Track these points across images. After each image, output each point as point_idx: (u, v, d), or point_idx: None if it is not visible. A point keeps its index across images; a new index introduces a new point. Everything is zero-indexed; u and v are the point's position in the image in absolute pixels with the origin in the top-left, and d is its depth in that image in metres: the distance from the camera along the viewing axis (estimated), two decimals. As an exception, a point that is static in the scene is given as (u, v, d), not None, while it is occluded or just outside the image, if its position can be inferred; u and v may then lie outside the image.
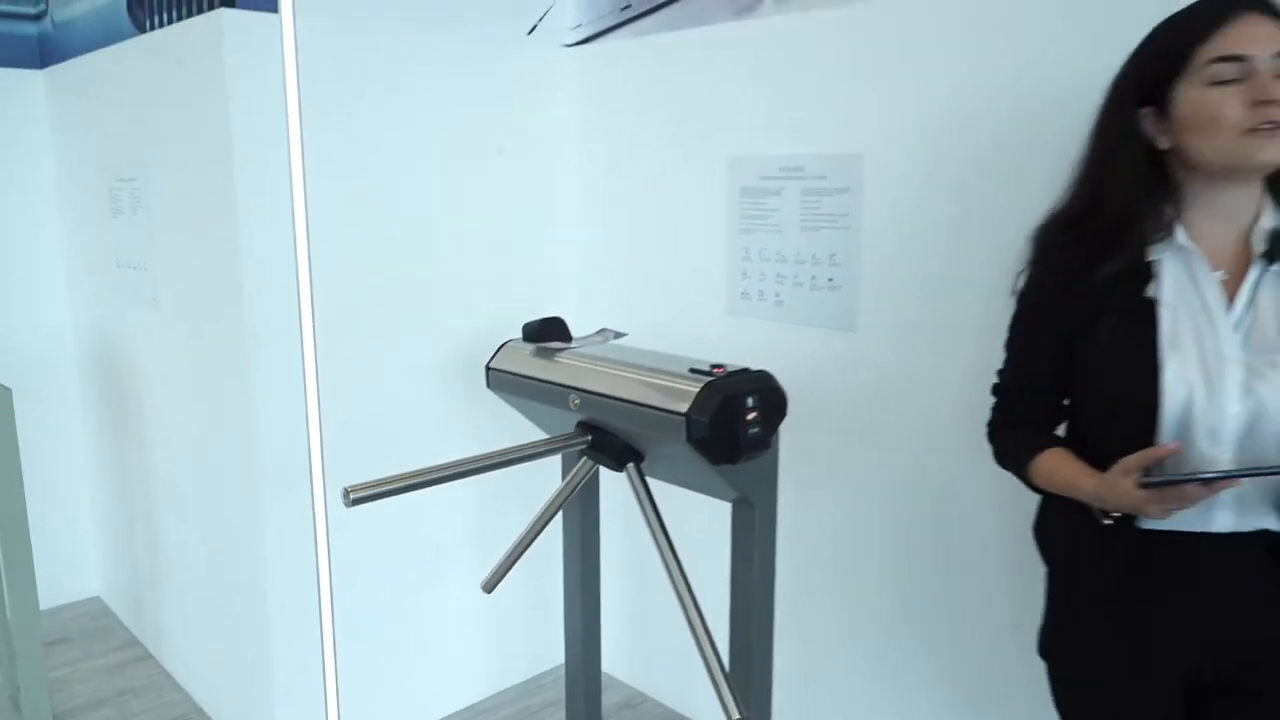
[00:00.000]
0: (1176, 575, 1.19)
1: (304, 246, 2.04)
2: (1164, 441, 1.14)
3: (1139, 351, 1.16)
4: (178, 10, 2.05)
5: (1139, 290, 1.18)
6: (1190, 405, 1.13)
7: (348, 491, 1.47)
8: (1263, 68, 1.09)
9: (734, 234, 2.16)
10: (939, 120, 1.79)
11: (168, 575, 2.67)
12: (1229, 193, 1.17)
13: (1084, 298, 1.20)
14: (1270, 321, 1.13)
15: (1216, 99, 1.11)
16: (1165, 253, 1.18)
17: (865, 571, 2.05)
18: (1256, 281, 1.15)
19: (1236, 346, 1.13)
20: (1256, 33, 1.10)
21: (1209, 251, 1.17)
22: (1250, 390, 1.12)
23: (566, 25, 2.45)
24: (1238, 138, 1.10)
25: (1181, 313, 1.16)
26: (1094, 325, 1.20)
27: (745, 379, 1.60)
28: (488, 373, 1.93)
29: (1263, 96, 1.08)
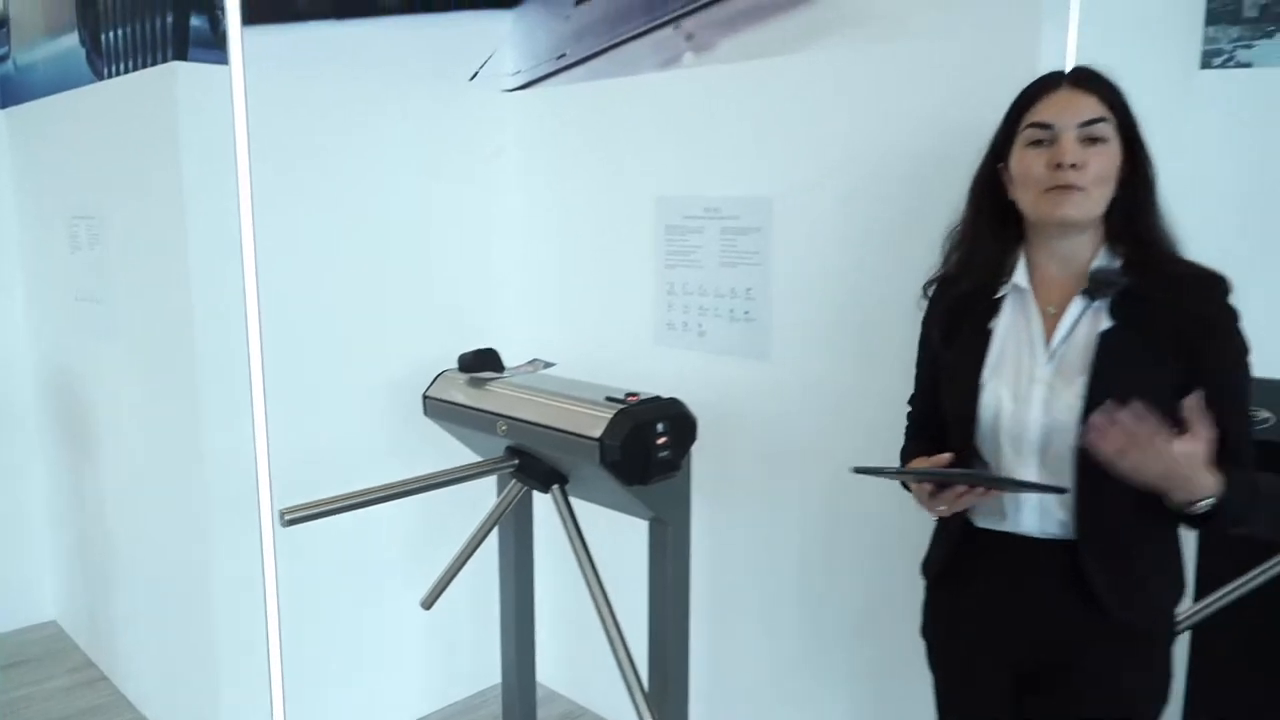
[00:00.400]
0: (991, 567, 1.35)
1: (252, 282, 2.16)
2: (982, 450, 1.33)
3: (968, 372, 1.33)
4: (134, 60, 2.18)
5: (985, 322, 1.35)
6: (999, 420, 1.30)
7: (283, 513, 1.58)
8: (1066, 135, 1.25)
9: (660, 269, 2.30)
10: (840, 165, 1.94)
11: (120, 598, 2.75)
12: (1061, 238, 1.32)
13: (947, 327, 1.38)
14: (1079, 350, 1.28)
15: (1030, 159, 1.28)
16: (1008, 289, 1.34)
17: (782, 588, 2.18)
18: (1078, 316, 1.30)
19: (1047, 371, 1.29)
20: (1067, 103, 1.26)
21: (1049, 289, 1.33)
22: (1048, 407, 1.27)
23: (507, 72, 2.60)
24: (1041, 194, 1.27)
25: (1009, 342, 1.33)
26: (947, 349, 1.38)
27: (656, 406, 1.74)
28: (425, 401, 2.06)
29: (1058, 160, 1.24)
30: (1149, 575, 1.31)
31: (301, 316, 2.26)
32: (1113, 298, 1.27)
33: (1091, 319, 1.29)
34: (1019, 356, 1.32)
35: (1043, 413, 1.28)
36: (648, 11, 2.24)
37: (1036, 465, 1.30)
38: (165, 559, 2.45)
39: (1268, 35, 2.06)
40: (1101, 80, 1.28)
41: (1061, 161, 1.24)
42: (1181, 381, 1.23)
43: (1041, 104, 1.28)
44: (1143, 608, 1.31)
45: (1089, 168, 1.24)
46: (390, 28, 2.34)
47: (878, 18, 1.83)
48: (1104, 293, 1.27)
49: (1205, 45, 2.12)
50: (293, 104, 2.19)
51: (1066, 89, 1.27)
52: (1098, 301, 1.28)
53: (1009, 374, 1.32)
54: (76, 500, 2.96)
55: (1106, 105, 1.26)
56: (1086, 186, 1.25)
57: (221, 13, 2.03)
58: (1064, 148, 1.25)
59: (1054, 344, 1.30)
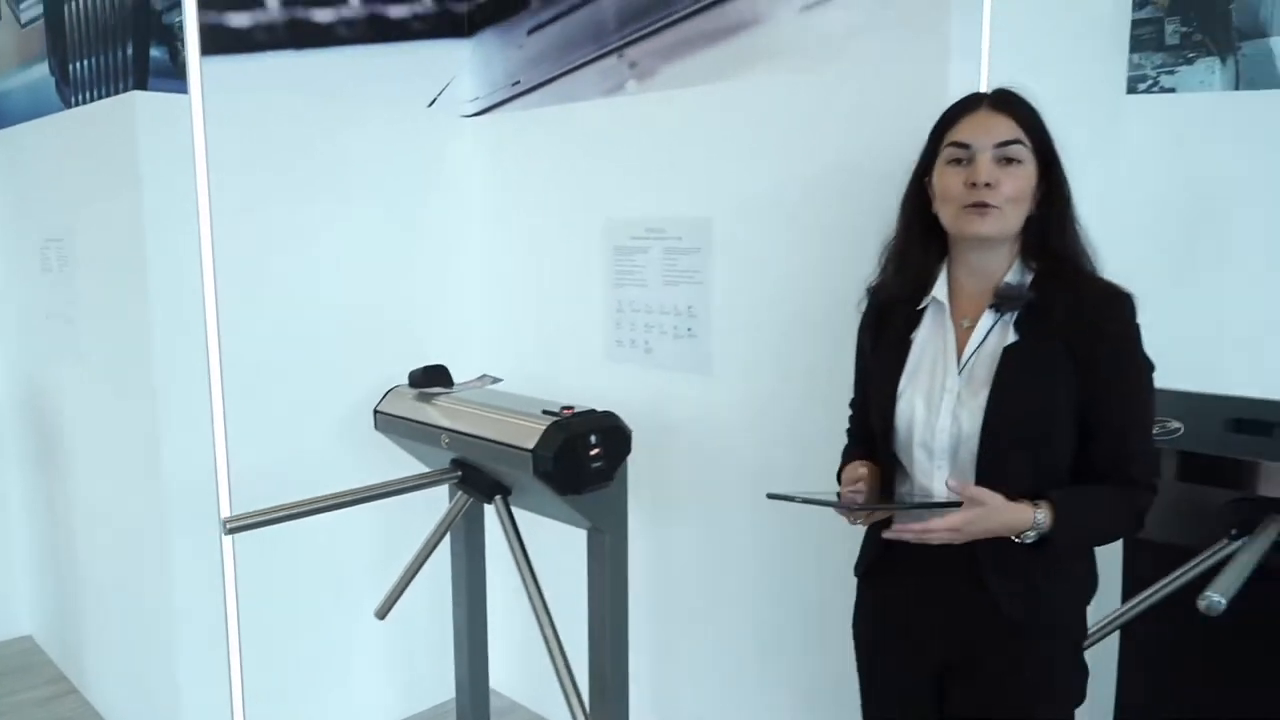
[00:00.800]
0: (906, 569, 1.42)
1: (211, 302, 2.23)
2: (900, 454, 1.40)
3: (888, 379, 1.41)
4: (99, 89, 2.26)
5: (907, 332, 1.42)
6: (912, 426, 1.38)
7: (225, 522, 1.65)
8: (983, 155, 1.31)
9: (609, 288, 2.38)
10: (774, 187, 2.02)
11: (90, 613, 2.81)
12: (977, 253, 1.39)
13: (875, 335, 1.47)
14: (985, 361, 1.35)
15: (949, 177, 1.34)
16: (929, 301, 1.42)
17: (728, 596, 2.24)
18: (988, 329, 1.36)
19: (957, 382, 1.36)
20: (984, 124, 1.33)
21: (964, 302, 1.40)
22: (955, 416, 1.35)
23: (466, 98, 2.69)
24: (958, 211, 1.33)
25: (926, 353, 1.40)
26: (873, 356, 1.47)
27: (590, 419, 1.81)
28: (375, 415, 2.13)
29: (973, 179, 1.31)
30: (1045, 578, 1.35)
31: (260, 335, 2.33)
32: (1020, 312, 1.33)
33: (1000, 332, 1.35)
34: (934, 367, 1.39)
35: (950, 422, 1.35)
36: (594, 40, 2.33)
37: (947, 469, 1.36)
38: (129, 573, 2.51)
39: (1188, 61, 2.15)
40: (1018, 103, 1.35)
41: (977, 180, 1.30)
42: (1081, 394, 1.30)
43: (961, 124, 1.34)
44: (1040, 609, 1.36)
45: (1003, 187, 1.30)
46: (349, 57, 2.42)
47: (801, 49, 1.92)
48: (1010, 307, 1.33)
49: (1131, 71, 2.21)
50: (252, 130, 2.27)
51: (985, 110, 1.34)
52: (1006, 315, 1.35)
53: (924, 384, 1.39)
54: (49, 516, 3.03)
55: (1022, 127, 1.32)
56: (1001, 205, 1.31)
57: (181, 44, 2.11)
58: (979, 167, 1.31)
59: (965, 356, 1.36)
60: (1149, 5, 2.17)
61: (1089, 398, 1.31)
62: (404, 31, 2.51)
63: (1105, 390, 1.31)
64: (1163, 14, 2.16)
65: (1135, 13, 2.18)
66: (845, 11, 1.85)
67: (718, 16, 2.05)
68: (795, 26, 1.93)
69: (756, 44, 1.99)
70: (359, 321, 2.52)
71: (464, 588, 2.23)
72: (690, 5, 2.10)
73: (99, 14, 2.23)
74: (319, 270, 2.43)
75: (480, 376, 2.18)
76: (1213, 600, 1.33)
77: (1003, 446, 1.32)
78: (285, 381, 2.39)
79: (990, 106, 1.35)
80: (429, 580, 2.19)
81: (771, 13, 1.96)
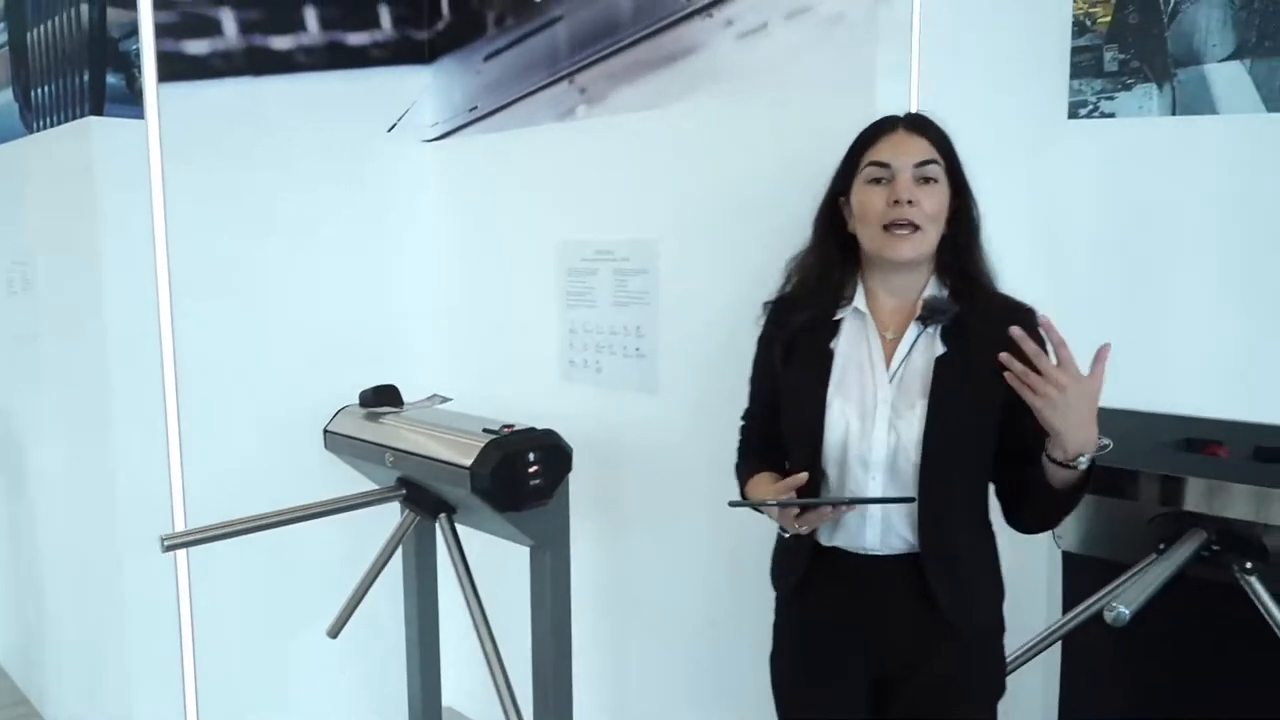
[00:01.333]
0: (841, 583, 1.43)
1: (167, 323, 2.26)
2: (828, 466, 1.40)
3: (813, 392, 1.41)
4: (58, 115, 2.31)
5: (825, 343, 1.44)
6: (847, 438, 1.39)
7: (163, 539, 1.67)
8: (903, 174, 1.36)
9: (563, 309, 2.42)
10: (715, 208, 2.06)
11: (50, 634, 2.82)
12: (897, 272, 1.43)
13: (787, 347, 1.47)
14: (916, 373, 1.38)
15: (870, 195, 1.38)
16: (847, 314, 1.45)
17: (678, 611, 2.26)
18: (913, 341, 1.40)
19: (889, 392, 1.38)
20: (903, 145, 1.37)
21: (884, 315, 1.43)
22: (892, 427, 1.37)
23: (426, 123, 2.73)
24: (879, 231, 1.37)
25: (851, 363, 1.42)
26: (788, 368, 1.46)
27: (530, 437, 1.84)
28: (325, 435, 2.15)
29: (895, 197, 1.35)
30: (979, 582, 1.42)
31: (217, 356, 2.35)
32: (944, 325, 1.38)
33: (926, 344, 1.39)
34: (861, 378, 1.40)
35: (887, 433, 1.37)
36: (547, 66, 2.38)
37: (883, 481, 1.38)
38: (85, 593, 2.52)
39: (1127, 88, 2.20)
40: (932, 125, 1.40)
41: (899, 198, 1.35)
42: (1006, 403, 1.33)
43: (880, 144, 1.39)
44: (977, 611, 1.42)
45: (923, 205, 1.35)
46: (308, 83, 2.47)
47: (738, 75, 1.97)
48: (936, 320, 1.38)
49: (1071, 97, 2.26)
50: (209, 154, 2.31)
51: (902, 132, 1.39)
52: (930, 328, 1.39)
53: (854, 394, 1.40)
54: (13, 538, 3.04)
55: (937, 149, 1.38)
56: (922, 224, 1.36)
57: (138, 70, 2.16)
58: (901, 185, 1.35)
59: (893, 367, 1.39)
60: (1088, 33, 2.23)
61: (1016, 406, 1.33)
62: (363, 58, 2.56)
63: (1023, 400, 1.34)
64: (1101, 42, 2.22)
65: (1075, 40, 2.24)
66: (779, 39, 1.90)
67: (660, 44, 2.10)
68: (732, 53, 1.98)
69: (697, 70, 2.04)
70: (317, 343, 2.54)
71: (415, 605, 2.25)
72: (635, 33, 2.16)
73: (59, 41, 2.28)
74: (276, 292, 2.46)
75: (430, 396, 2.21)
76: (1119, 612, 1.35)
77: (944, 456, 1.35)
78: (242, 402, 2.42)
79: (906, 128, 1.40)
80: (387, 598, 2.21)
81: (710, 40, 2.01)
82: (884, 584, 1.41)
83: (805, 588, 1.49)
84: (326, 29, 2.47)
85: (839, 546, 1.44)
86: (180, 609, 2.34)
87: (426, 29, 2.67)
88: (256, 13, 2.34)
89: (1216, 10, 2.07)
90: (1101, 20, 2.21)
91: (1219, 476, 1.62)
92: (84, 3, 2.14)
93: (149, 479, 2.27)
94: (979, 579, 1.44)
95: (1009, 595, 2.19)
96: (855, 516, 1.42)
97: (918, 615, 1.40)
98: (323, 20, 2.44)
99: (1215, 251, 2.06)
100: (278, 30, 2.38)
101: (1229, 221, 2.05)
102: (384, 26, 2.58)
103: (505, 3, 2.46)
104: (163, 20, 2.17)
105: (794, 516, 1.35)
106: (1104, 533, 1.83)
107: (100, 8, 2.12)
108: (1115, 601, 1.37)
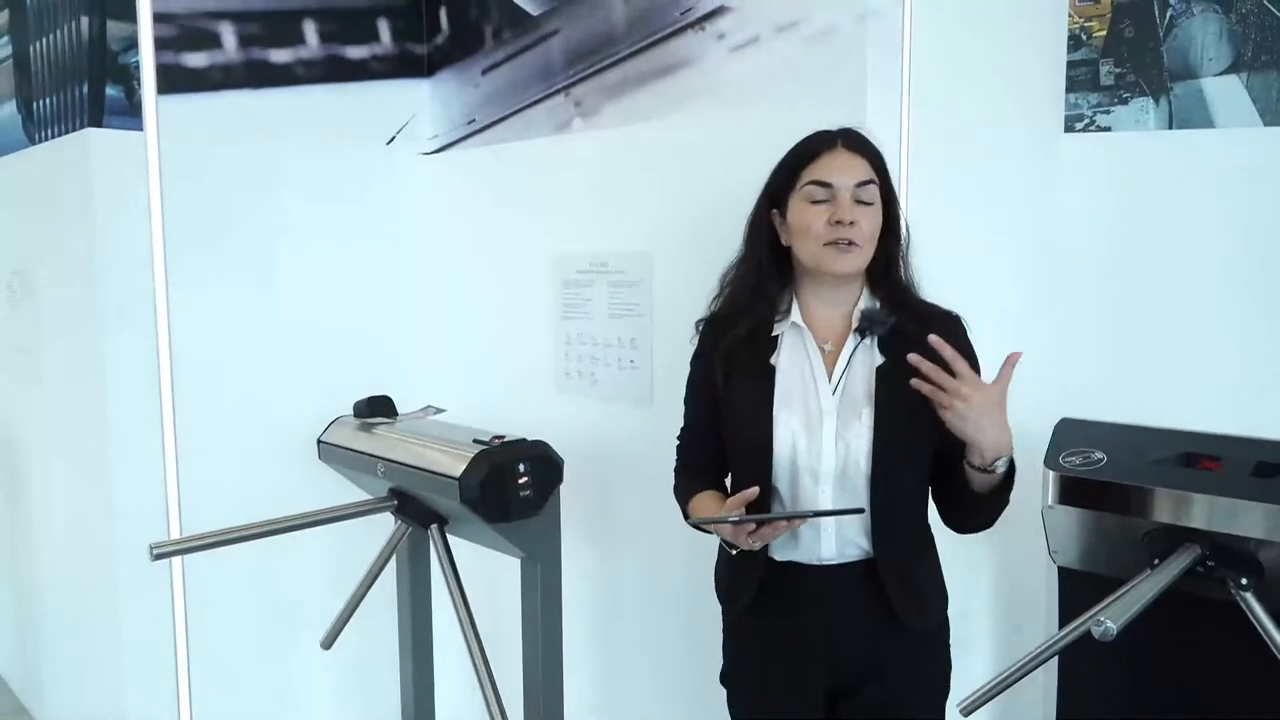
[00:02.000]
0: (797, 597, 1.44)
1: (164, 333, 2.27)
2: (777, 481, 1.41)
3: (759, 407, 1.42)
4: (59, 127, 2.33)
5: (765, 357, 1.45)
6: (795, 451, 1.40)
7: (152, 547, 1.67)
8: (843, 194, 1.37)
9: (558, 321, 2.42)
10: (709, 221, 2.06)
11: (48, 643, 2.82)
12: (834, 287, 1.45)
13: (726, 364, 1.47)
14: (858, 383, 1.40)
15: (810, 214, 1.39)
16: (785, 328, 1.45)
17: (667, 627, 2.25)
18: (852, 352, 1.42)
19: (833, 404, 1.39)
20: (844, 165, 1.39)
21: (820, 327, 1.45)
22: (840, 438, 1.37)
23: (425, 136, 2.75)
24: (820, 248, 1.39)
25: (793, 377, 1.43)
26: (730, 385, 1.47)
27: (520, 447, 1.84)
28: (318, 445, 2.16)
29: (837, 217, 1.36)
30: (928, 587, 1.45)
31: (214, 366, 2.36)
32: (880, 335, 1.40)
33: (864, 355, 1.41)
34: (805, 391, 1.42)
35: (836, 444, 1.38)
36: (543, 80, 2.39)
37: (833, 492, 1.39)
38: (81, 602, 2.52)
39: (1123, 102, 2.20)
40: (868, 143, 1.42)
41: (841, 219, 1.36)
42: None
43: (820, 163, 1.40)
44: (928, 615, 1.45)
45: (862, 225, 1.37)
46: (307, 96, 2.49)
47: (731, 87, 1.98)
48: (874, 330, 1.40)
49: (1068, 111, 2.26)
50: (208, 166, 2.32)
51: (841, 150, 1.40)
52: (868, 339, 1.41)
53: (798, 407, 1.41)
54: (11, 547, 3.05)
55: (873, 169, 1.40)
56: (862, 243, 1.38)
57: (137, 83, 2.18)
58: (842, 206, 1.37)
59: (835, 379, 1.41)
60: (1084, 47, 2.23)
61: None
62: (362, 72, 2.58)
63: None
64: (1097, 55, 2.22)
65: (1070, 54, 2.24)
66: (770, 52, 1.90)
67: (654, 58, 2.11)
68: (725, 66, 1.98)
69: (690, 83, 2.05)
70: (313, 354, 2.55)
71: (408, 616, 2.24)
72: (630, 46, 2.17)
73: (60, 54, 2.31)
74: (274, 302, 2.47)
75: (424, 407, 2.21)
76: (1106, 627, 1.35)
77: (893, 463, 1.37)
78: (238, 412, 2.42)
79: (845, 147, 1.41)
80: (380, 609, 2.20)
81: (702, 54, 2.02)
82: (839, 592, 1.42)
83: (759, 603, 1.48)
84: (326, 42, 2.49)
85: (795, 560, 1.44)
86: (175, 619, 2.34)
87: (425, 43, 2.69)
88: (256, 26, 2.36)
89: (1212, 24, 2.07)
90: (1097, 34, 2.21)
91: (1213, 491, 1.61)
92: (85, 15, 2.16)
93: (145, 488, 2.27)
94: (927, 580, 1.49)
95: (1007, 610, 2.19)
96: (809, 529, 1.42)
97: (873, 620, 1.42)
98: (322, 34, 2.46)
99: (1214, 265, 2.05)
100: (277, 44, 2.40)
101: (1227, 235, 2.04)
102: (383, 40, 2.60)
103: (503, 17, 2.48)
104: (162, 33, 2.19)
105: (747, 533, 1.34)
106: (1100, 548, 1.82)
107: (101, 21, 2.15)
108: (1103, 616, 1.36)
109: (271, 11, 2.39)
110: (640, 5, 2.13)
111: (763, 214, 1.48)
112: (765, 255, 1.46)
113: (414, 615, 2.24)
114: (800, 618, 1.44)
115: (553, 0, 2.34)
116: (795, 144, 1.45)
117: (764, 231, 1.47)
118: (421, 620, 2.25)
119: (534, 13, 2.38)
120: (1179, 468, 1.73)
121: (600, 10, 2.22)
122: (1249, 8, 2.02)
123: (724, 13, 1.97)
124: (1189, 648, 1.72)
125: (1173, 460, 1.76)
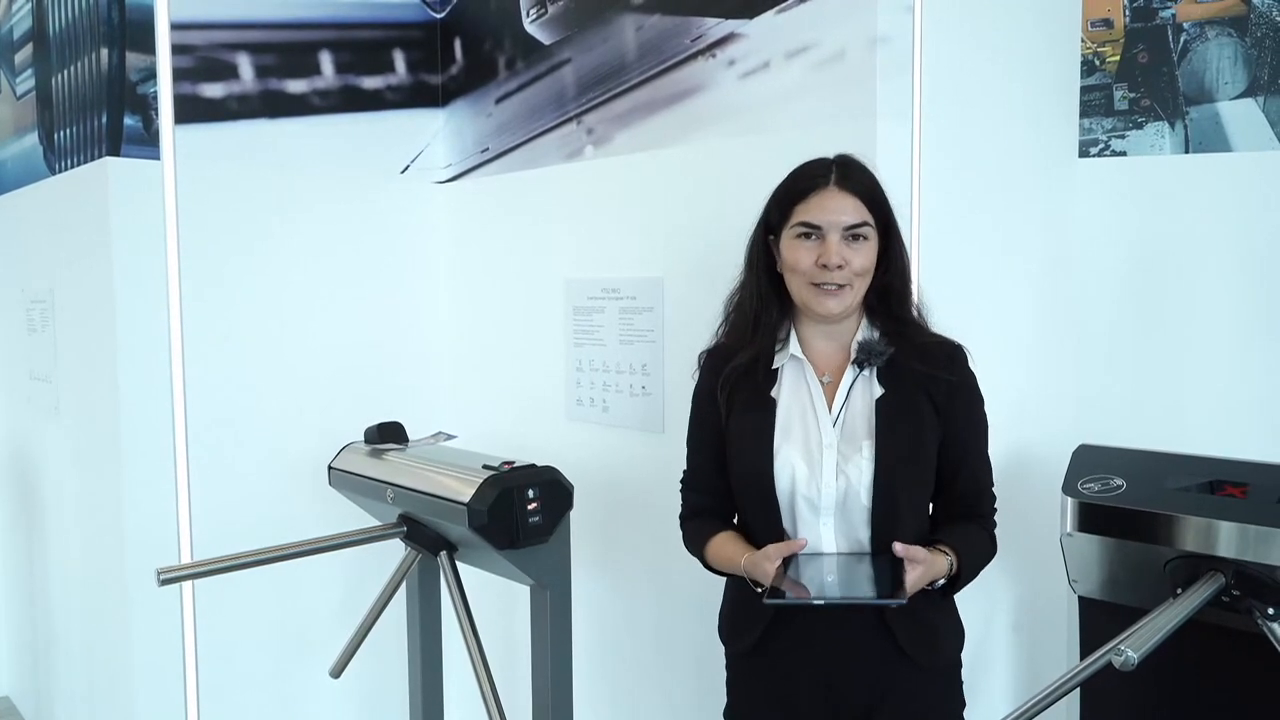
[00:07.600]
0: (803, 636, 1.41)
1: (179, 363, 2.28)
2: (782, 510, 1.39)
3: (760, 439, 1.41)
4: (79, 157, 2.36)
5: (766, 390, 1.43)
6: (795, 483, 1.38)
7: (159, 572, 1.67)
8: (832, 236, 1.35)
9: (569, 348, 2.41)
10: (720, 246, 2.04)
11: (61, 671, 2.81)
12: (826, 322, 1.42)
13: (728, 396, 1.45)
14: (858, 416, 1.38)
15: (799, 251, 1.38)
16: (785, 360, 1.44)
17: (678, 656, 2.21)
18: (851, 384, 1.40)
19: (834, 436, 1.37)
20: (832, 205, 1.36)
21: (819, 359, 1.43)
22: (841, 470, 1.35)
23: (439, 165, 2.77)
24: (808, 286, 1.38)
25: (794, 409, 1.41)
26: (731, 417, 1.45)
27: (529, 473, 1.82)
28: (329, 471, 2.15)
29: (824, 260, 1.34)
30: (939, 624, 1.41)
31: (228, 395, 2.37)
32: (879, 366, 1.38)
33: (864, 386, 1.39)
34: (805, 423, 1.40)
35: (835, 476, 1.37)
36: (555, 108, 2.40)
37: (833, 525, 1.37)
38: (93, 628, 2.52)
39: (1138, 126, 2.18)
40: (862, 179, 1.39)
41: (828, 263, 1.34)
42: (940, 436, 1.37)
43: (810, 203, 1.37)
44: (938, 652, 1.41)
45: (852, 264, 1.35)
46: (323, 125, 2.51)
47: (741, 114, 1.98)
48: (872, 362, 1.38)
49: (1082, 135, 2.25)
50: (224, 194, 2.35)
51: (833, 190, 1.37)
52: (866, 370, 1.39)
53: (798, 440, 1.40)
54: (27, 575, 3.05)
55: (867, 205, 1.37)
56: (850, 282, 1.36)
57: (155, 113, 2.21)
58: (830, 249, 1.35)
59: (835, 411, 1.39)
60: (1097, 72, 2.22)
61: (949, 443, 1.39)
62: (378, 101, 2.61)
63: (962, 435, 1.40)
64: (1111, 80, 2.21)
65: (1084, 79, 2.23)
66: (781, 77, 1.90)
67: (664, 85, 2.12)
68: (735, 92, 1.99)
69: (700, 110, 2.05)
70: (327, 380, 2.56)
71: (418, 644, 2.22)
72: (640, 74, 2.18)
73: (80, 85, 2.34)
74: (288, 330, 2.48)
75: (435, 434, 2.20)
76: (1127, 656, 1.31)
77: (894, 496, 1.35)
78: (251, 438, 2.42)
79: (837, 185, 1.38)
80: (391, 635, 2.18)
81: (713, 80, 2.02)
82: (846, 627, 1.39)
83: (766, 640, 1.45)
84: (341, 73, 2.52)
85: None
86: (185, 644, 2.33)
87: (440, 73, 2.72)
88: (272, 57, 2.39)
89: (1227, 48, 2.06)
90: (1110, 59, 2.21)
91: (1238, 518, 1.57)
92: (105, 47, 2.19)
93: (157, 514, 2.28)
94: (938, 623, 1.44)
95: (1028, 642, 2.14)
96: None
97: (880, 655, 1.39)
98: (337, 64, 2.49)
99: (1233, 289, 2.03)
100: (293, 74, 2.43)
101: (1246, 258, 2.02)
102: (398, 70, 2.63)
103: (516, 46, 2.50)
104: (181, 64, 2.23)
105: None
106: (1122, 577, 1.79)
107: (120, 52, 2.18)
108: (1124, 646, 1.33)
109: (288, 43, 2.42)
110: (651, 33, 2.14)
111: (761, 239, 1.47)
112: (764, 279, 1.45)
113: (424, 643, 2.21)
114: (806, 653, 1.41)
115: (565, 29, 2.36)
116: (790, 174, 1.43)
117: (761, 255, 1.46)
118: (431, 648, 2.23)
119: (546, 41, 2.41)
120: (1202, 494, 1.69)
121: (611, 39, 2.23)
122: (1264, 31, 2.01)
123: (734, 39, 1.97)
124: (1213, 679, 1.67)
125: (1195, 486, 1.72)
